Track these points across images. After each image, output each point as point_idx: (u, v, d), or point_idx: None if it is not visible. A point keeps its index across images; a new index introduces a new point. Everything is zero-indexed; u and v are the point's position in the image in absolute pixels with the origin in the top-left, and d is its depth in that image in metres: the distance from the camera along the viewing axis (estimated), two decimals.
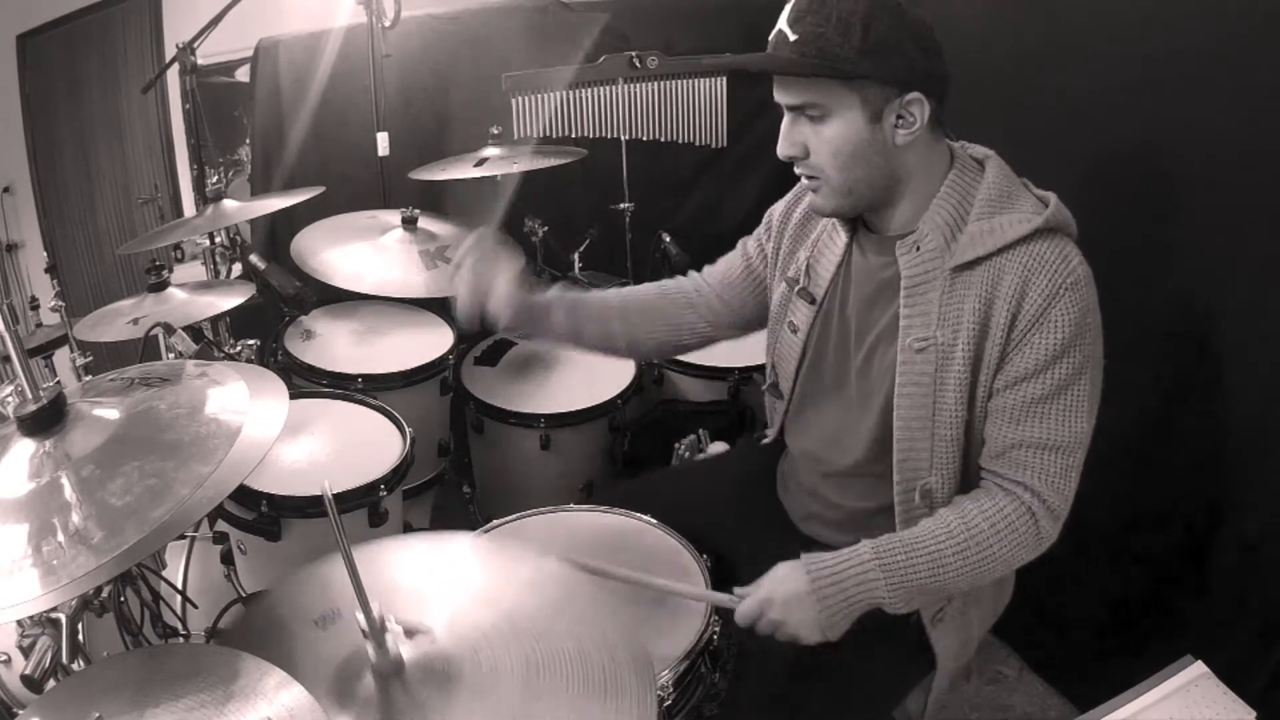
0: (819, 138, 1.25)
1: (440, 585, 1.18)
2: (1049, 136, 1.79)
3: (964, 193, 1.27)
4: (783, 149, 1.29)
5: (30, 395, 1.11)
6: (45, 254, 2.41)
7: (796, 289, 1.46)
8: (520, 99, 2.50)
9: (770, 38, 1.25)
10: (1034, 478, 1.23)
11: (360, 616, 0.99)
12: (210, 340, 1.98)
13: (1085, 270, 1.21)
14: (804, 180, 1.33)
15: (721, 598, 1.30)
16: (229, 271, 2.27)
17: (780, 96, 1.27)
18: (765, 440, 1.66)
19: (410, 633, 1.03)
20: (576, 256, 2.45)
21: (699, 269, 1.63)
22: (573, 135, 2.58)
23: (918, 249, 1.27)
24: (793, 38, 1.20)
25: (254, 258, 2.00)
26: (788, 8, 1.23)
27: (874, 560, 1.24)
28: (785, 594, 1.24)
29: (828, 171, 1.27)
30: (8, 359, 1.61)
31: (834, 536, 1.48)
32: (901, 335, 1.28)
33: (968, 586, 1.29)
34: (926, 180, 1.28)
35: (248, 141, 2.58)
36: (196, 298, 1.89)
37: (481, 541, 1.30)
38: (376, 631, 0.99)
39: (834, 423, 1.44)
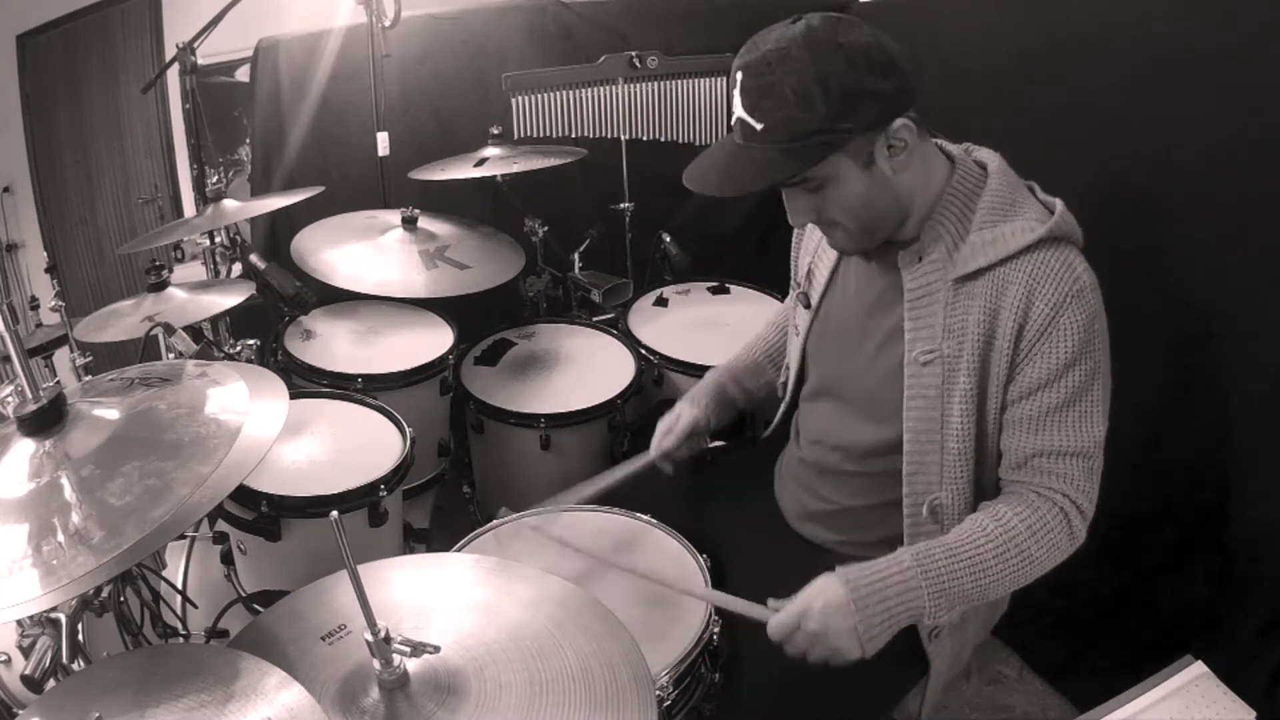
0: (824, 200, 1.22)
1: (446, 601, 1.18)
2: (1050, 137, 1.79)
3: (966, 200, 1.25)
4: (795, 221, 1.28)
5: (30, 395, 1.11)
6: (45, 254, 2.41)
7: (797, 293, 1.48)
8: (520, 99, 2.51)
9: (733, 125, 1.19)
10: (1060, 482, 1.22)
11: (367, 634, 0.99)
12: (210, 340, 1.97)
13: (1091, 277, 1.20)
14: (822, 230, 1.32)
15: (756, 608, 1.23)
16: (229, 271, 2.26)
17: None
18: (763, 435, 1.66)
19: (416, 649, 1.03)
20: (576, 256, 2.44)
21: (699, 269, 1.63)
22: (573, 135, 2.58)
23: (920, 260, 1.26)
24: (759, 127, 1.15)
25: (254, 258, 2.00)
26: (737, 92, 1.17)
27: (915, 567, 1.20)
28: (823, 604, 1.18)
29: (844, 224, 1.25)
30: (8, 359, 1.61)
31: (829, 535, 1.48)
32: (907, 348, 1.27)
33: (1006, 591, 1.26)
34: (926, 189, 1.26)
35: (248, 141, 2.58)
36: (196, 298, 1.88)
37: (489, 560, 1.30)
38: (382, 647, 1.00)
39: (832, 424, 1.44)
